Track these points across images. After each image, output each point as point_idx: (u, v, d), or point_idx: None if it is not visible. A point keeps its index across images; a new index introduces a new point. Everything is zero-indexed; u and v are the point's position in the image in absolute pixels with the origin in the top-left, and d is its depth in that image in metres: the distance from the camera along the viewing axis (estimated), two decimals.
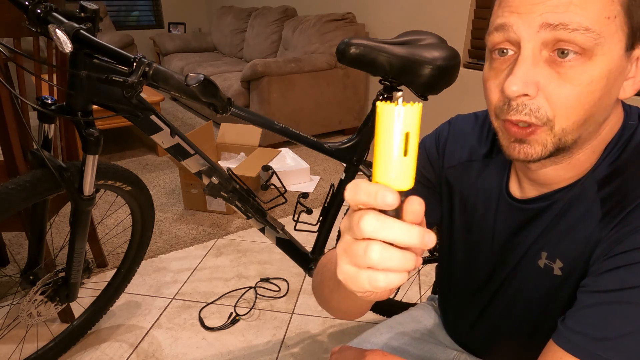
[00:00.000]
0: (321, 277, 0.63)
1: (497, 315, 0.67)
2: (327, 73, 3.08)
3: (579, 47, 0.43)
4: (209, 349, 1.39)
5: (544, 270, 0.57)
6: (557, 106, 0.45)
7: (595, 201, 0.51)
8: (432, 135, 0.70)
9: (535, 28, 0.44)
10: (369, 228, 0.31)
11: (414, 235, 0.31)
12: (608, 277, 0.46)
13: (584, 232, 0.51)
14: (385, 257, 0.32)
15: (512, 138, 0.49)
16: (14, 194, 0.90)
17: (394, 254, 0.32)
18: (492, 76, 0.50)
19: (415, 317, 0.86)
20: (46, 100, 0.91)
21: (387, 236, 0.31)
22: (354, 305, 0.54)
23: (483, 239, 0.65)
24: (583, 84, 0.44)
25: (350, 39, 1.04)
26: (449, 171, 0.67)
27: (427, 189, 0.69)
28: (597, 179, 0.51)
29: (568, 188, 0.54)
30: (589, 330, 0.45)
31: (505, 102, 0.48)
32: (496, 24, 0.47)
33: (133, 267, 1.43)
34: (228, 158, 2.57)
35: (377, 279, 0.32)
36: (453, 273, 0.73)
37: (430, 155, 0.69)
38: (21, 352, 1.35)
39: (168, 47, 4.60)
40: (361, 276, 0.33)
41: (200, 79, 0.79)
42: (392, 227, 0.31)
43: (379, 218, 0.32)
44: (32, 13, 0.84)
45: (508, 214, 0.61)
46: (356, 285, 0.34)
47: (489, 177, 0.63)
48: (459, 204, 0.67)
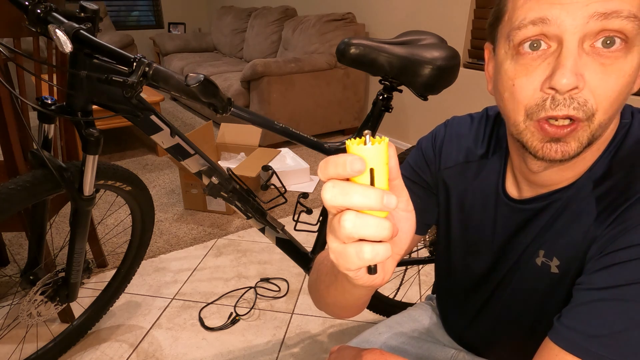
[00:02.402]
0: (317, 274, 0.63)
1: (495, 314, 0.67)
2: (327, 73, 3.08)
3: (625, 37, 0.42)
4: (209, 349, 1.39)
5: (541, 268, 0.57)
6: (601, 99, 0.44)
7: (591, 199, 0.51)
8: (428, 136, 0.70)
9: (584, 19, 0.42)
10: (328, 195, 0.33)
11: (372, 195, 0.32)
12: (603, 274, 0.46)
13: (580, 230, 0.51)
14: (359, 224, 0.33)
15: (547, 138, 0.47)
16: (14, 194, 0.90)
17: (369, 220, 0.33)
18: (522, 73, 0.46)
19: (413, 317, 0.86)
20: (46, 100, 0.91)
21: (346, 201, 0.33)
22: (350, 298, 0.53)
23: (481, 239, 0.65)
24: (626, 76, 0.43)
25: (350, 39, 1.04)
26: (446, 172, 0.67)
27: (424, 189, 0.70)
28: (593, 178, 0.51)
29: (567, 188, 0.54)
30: (584, 327, 0.45)
31: (545, 98, 0.45)
32: (532, 17, 0.44)
33: (133, 267, 1.43)
34: (228, 158, 2.57)
35: (363, 250, 0.33)
36: (451, 273, 0.73)
37: (427, 157, 0.69)
38: (21, 352, 1.35)
39: (168, 47, 4.60)
40: (348, 251, 0.34)
41: (200, 79, 0.79)
42: (349, 190, 0.32)
43: (335, 184, 0.33)
44: (32, 13, 0.83)
45: (506, 214, 0.61)
46: (345, 261, 0.35)
47: (485, 177, 0.63)
48: (456, 204, 0.67)
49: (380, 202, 0.32)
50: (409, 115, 2.98)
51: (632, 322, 0.43)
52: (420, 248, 1.43)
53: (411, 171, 0.70)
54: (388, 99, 1.13)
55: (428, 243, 1.41)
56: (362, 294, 0.51)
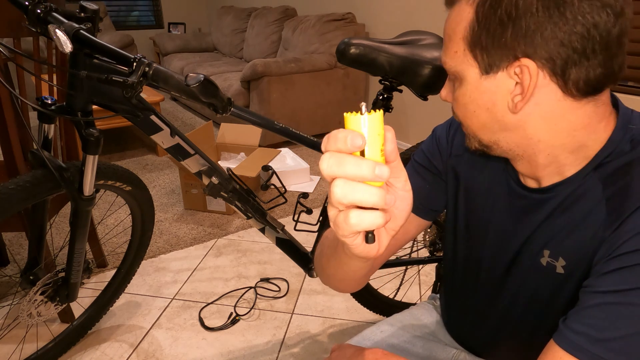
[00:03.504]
0: (321, 247, 0.67)
1: (498, 314, 0.67)
2: (327, 73, 3.08)
3: (450, 74, 0.54)
4: (209, 349, 1.39)
5: (546, 268, 0.57)
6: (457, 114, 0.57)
7: (600, 200, 0.50)
8: (444, 124, 0.72)
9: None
10: (324, 165, 0.35)
11: (364, 165, 0.34)
12: (611, 277, 0.46)
13: (589, 231, 0.51)
14: (347, 189, 0.34)
15: None
16: (14, 194, 0.90)
17: (357, 186, 0.34)
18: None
19: (415, 316, 0.86)
20: (46, 100, 0.91)
21: (340, 171, 0.34)
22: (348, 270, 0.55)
23: (481, 225, 0.66)
24: (459, 99, 0.55)
25: (350, 39, 1.04)
26: (456, 159, 0.68)
27: (433, 175, 0.71)
28: (600, 178, 0.51)
29: (570, 182, 0.53)
30: (590, 331, 0.45)
31: None
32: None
33: (133, 267, 1.43)
34: (228, 158, 2.57)
35: (349, 215, 0.35)
36: (456, 268, 0.73)
37: (440, 144, 0.71)
38: (21, 352, 1.35)
39: (168, 47, 4.60)
40: (339, 216, 0.36)
41: (200, 79, 0.79)
42: (343, 161, 0.34)
43: (332, 154, 0.35)
44: (32, 13, 0.83)
45: (508, 199, 0.61)
46: (336, 226, 0.37)
47: (494, 165, 0.64)
48: (463, 192, 0.68)
49: (372, 172, 0.34)
50: (409, 115, 2.98)
51: (637, 326, 0.43)
52: (420, 248, 1.43)
53: (423, 157, 0.72)
54: (388, 99, 1.13)
55: (428, 243, 1.41)
56: (358, 266, 0.53)
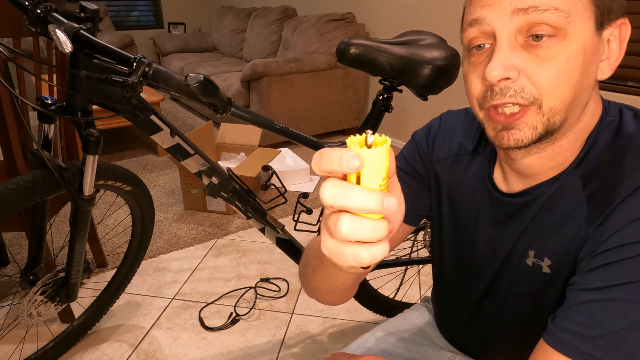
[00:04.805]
0: (306, 258, 0.64)
1: (488, 316, 0.67)
2: (327, 73, 3.07)
3: (551, 28, 0.45)
4: (209, 349, 1.39)
5: (532, 268, 0.57)
6: (541, 85, 0.46)
7: (581, 198, 0.51)
8: (423, 129, 0.71)
9: (508, 16, 0.46)
10: (327, 194, 0.32)
11: (372, 199, 0.31)
12: (596, 274, 0.46)
13: (571, 230, 0.51)
14: (356, 228, 0.32)
15: (499, 126, 0.50)
16: (14, 194, 0.90)
17: (365, 224, 0.32)
18: (471, 69, 0.52)
19: (409, 320, 0.86)
20: (46, 100, 0.91)
21: (345, 203, 0.31)
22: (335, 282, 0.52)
23: (468, 233, 0.65)
24: (562, 62, 0.46)
25: (350, 39, 1.04)
26: (437, 164, 0.68)
27: (416, 181, 0.70)
28: (581, 175, 0.51)
29: (550, 182, 0.54)
30: (578, 328, 0.45)
31: (487, 89, 0.49)
32: (469, 20, 0.50)
33: (133, 267, 1.43)
34: (228, 158, 2.57)
35: (360, 254, 0.32)
36: (444, 272, 0.73)
37: (420, 149, 0.70)
38: (21, 352, 1.35)
39: (168, 47, 4.60)
40: (345, 252, 0.33)
41: (200, 79, 0.79)
42: (350, 192, 0.31)
43: (336, 183, 0.31)
44: (32, 13, 0.83)
45: (492, 206, 0.61)
46: (339, 259, 0.34)
47: (476, 171, 0.64)
48: (446, 197, 0.68)
49: (381, 206, 0.31)
50: (409, 115, 2.98)
51: (625, 322, 0.43)
52: (420, 248, 1.43)
53: (405, 162, 0.71)
54: (388, 99, 1.14)
55: (428, 243, 1.41)
56: (346, 279, 0.51)
